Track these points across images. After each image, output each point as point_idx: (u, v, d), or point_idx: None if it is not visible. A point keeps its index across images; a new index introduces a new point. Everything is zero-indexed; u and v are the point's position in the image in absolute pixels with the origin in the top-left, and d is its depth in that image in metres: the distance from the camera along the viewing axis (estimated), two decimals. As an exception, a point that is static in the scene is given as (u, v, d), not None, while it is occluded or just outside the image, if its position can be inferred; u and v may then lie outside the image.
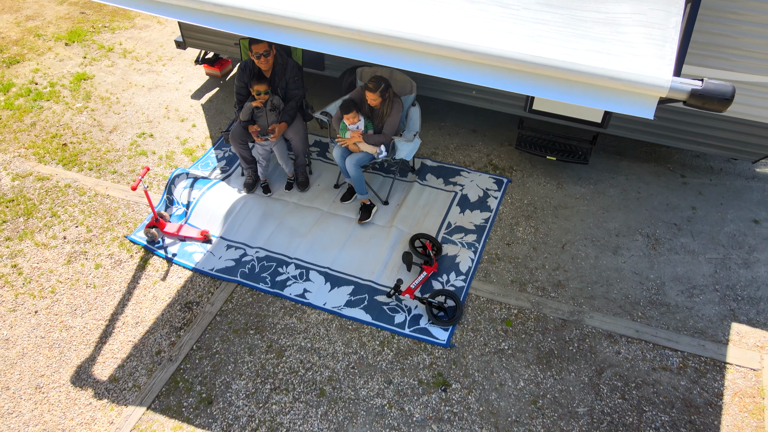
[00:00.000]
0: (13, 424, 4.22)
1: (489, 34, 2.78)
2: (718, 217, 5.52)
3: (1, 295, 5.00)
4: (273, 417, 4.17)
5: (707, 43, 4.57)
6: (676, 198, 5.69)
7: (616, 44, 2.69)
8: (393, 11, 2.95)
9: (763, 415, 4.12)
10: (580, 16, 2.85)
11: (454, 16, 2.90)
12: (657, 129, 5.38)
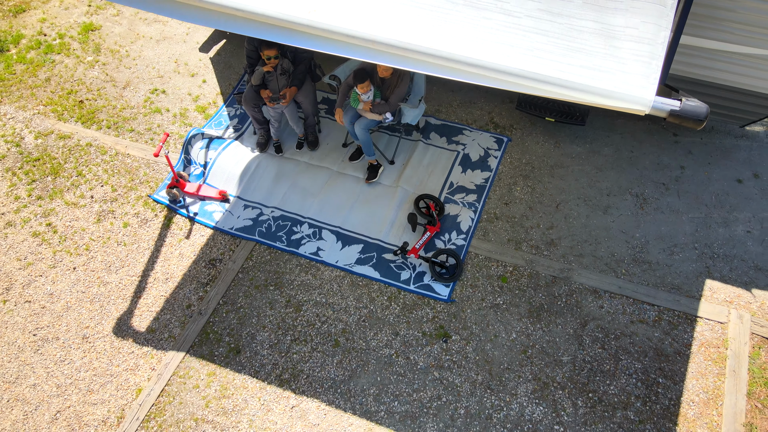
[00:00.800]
0: (66, 370, 4.81)
1: (493, 47, 3.03)
2: (705, 176, 5.87)
3: (41, 253, 5.46)
4: (294, 365, 4.75)
5: (705, 15, 4.73)
6: (667, 157, 6.01)
7: (608, 59, 2.94)
8: (405, 19, 3.17)
9: (725, 364, 4.69)
10: (578, 26, 3.07)
11: (461, 25, 3.12)
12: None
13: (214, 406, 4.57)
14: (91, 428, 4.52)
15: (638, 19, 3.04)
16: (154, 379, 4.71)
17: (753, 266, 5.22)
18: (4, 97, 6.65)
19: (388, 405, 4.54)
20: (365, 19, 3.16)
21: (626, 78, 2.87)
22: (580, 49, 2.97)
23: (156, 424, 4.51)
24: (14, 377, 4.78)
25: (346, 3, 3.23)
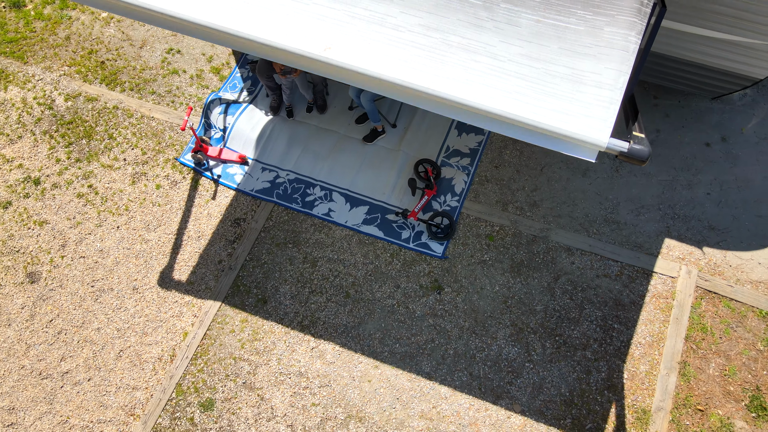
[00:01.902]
0: (123, 316, 5.78)
1: (480, 89, 3.60)
2: (677, 140, 6.49)
3: (87, 212, 6.24)
4: (312, 313, 5.71)
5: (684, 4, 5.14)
6: (645, 120, 6.59)
7: (574, 104, 3.53)
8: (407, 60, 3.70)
9: (670, 312, 5.64)
10: (553, 70, 3.61)
11: (454, 67, 3.66)
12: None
13: (248, 347, 5.59)
14: (149, 364, 5.57)
15: (603, 65, 3.59)
16: (197, 325, 5.69)
17: (707, 226, 6.02)
18: (29, 57, 7.08)
19: (391, 347, 5.55)
20: (373, 59, 3.71)
21: (588, 122, 3.49)
22: (552, 94, 3.56)
23: (202, 361, 5.55)
24: (81, 322, 5.76)
25: (357, 44, 3.74)
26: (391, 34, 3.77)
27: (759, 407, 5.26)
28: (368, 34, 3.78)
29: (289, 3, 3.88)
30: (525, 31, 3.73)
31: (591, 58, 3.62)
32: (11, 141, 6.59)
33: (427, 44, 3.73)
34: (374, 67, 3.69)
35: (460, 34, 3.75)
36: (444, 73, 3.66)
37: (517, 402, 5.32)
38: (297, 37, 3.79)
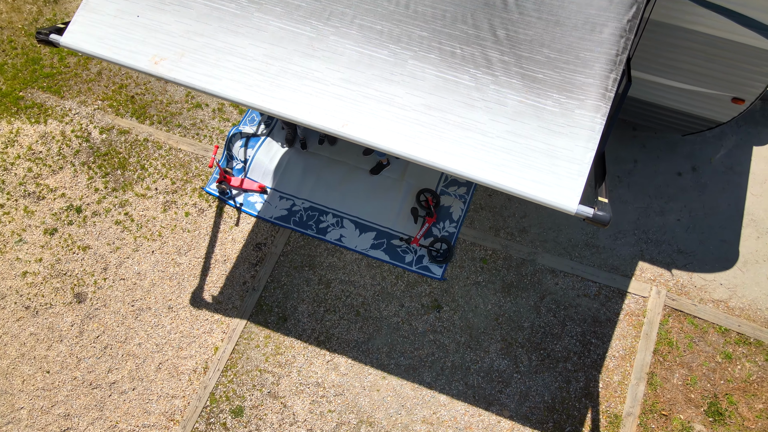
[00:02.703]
0: (161, 333, 6.57)
1: (472, 162, 4.33)
2: (653, 169, 7.21)
3: (124, 238, 6.99)
4: (327, 330, 6.50)
5: (650, 60, 5.83)
6: (624, 151, 7.30)
7: (549, 175, 4.26)
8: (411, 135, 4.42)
9: (641, 328, 6.43)
10: (533, 146, 4.32)
11: (452, 142, 4.38)
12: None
13: (272, 361, 6.39)
14: (185, 375, 6.38)
15: (574, 142, 4.31)
16: (226, 340, 6.48)
17: (676, 250, 6.78)
18: (65, 92, 7.77)
19: (396, 359, 6.35)
20: (383, 135, 4.43)
21: (560, 191, 4.23)
22: (532, 166, 4.29)
23: (232, 373, 6.35)
24: (124, 338, 6.55)
25: (369, 121, 4.46)
26: (398, 112, 4.49)
27: (716, 413, 6.07)
28: (379, 112, 4.49)
29: (312, 84, 4.58)
30: (510, 110, 4.45)
31: (564, 136, 4.34)
32: (53, 171, 7.31)
33: (428, 122, 4.45)
34: (384, 142, 4.42)
35: (456, 113, 4.46)
36: (442, 148, 4.38)
37: (506, 408, 6.14)
38: (319, 114, 4.51)
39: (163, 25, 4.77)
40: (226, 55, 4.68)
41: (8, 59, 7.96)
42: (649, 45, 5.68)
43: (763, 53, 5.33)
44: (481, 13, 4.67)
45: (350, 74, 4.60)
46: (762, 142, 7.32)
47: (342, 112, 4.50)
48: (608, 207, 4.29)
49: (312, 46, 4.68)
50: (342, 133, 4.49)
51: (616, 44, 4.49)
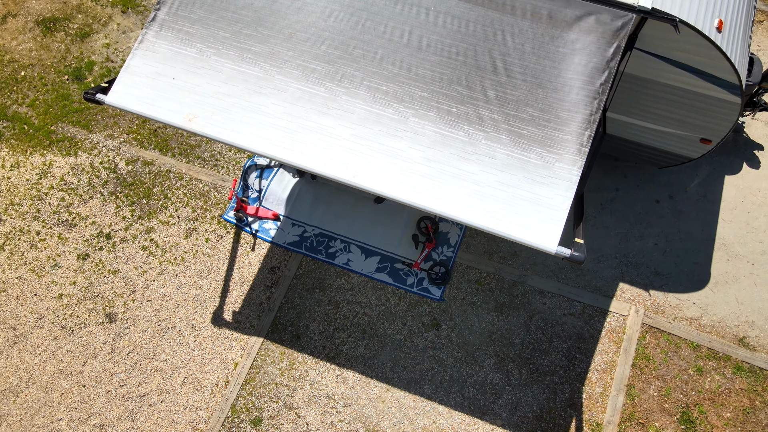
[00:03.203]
0: (185, 350, 7.24)
1: (467, 209, 4.99)
2: (633, 197, 7.88)
3: (150, 262, 7.65)
4: (336, 347, 7.17)
5: (626, 104, 6.50)
6: (607, 180, 7.97)
7: (533, 220, 4.92)
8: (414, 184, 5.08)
9: (620, 344, 7.10)
10: (519, 194, 4.99)
11: (449, 192, 5.04)
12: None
13: (287, 375, 7.06)
14: (208, 389, 7.05)
15: (554, 191, 4.97)
16: (245, 357, 7.15)
17: (654, 272, 7.45)
18: (93, 126, 8.43)
19: (399, 373, 7.02)
20: (389, 184, 5.09)
21: (542, 234, 4.90)
22: (518, 213, 4.96)
23: (251, 386, 7.02)
24: (152, 354, 7.22)
25: (377, 172, 5.12)
26: (402, 164, 5.15)
27: (687, 420, 6.75)
28: (385, 164, 5.16)
29: (326, 139, 5.25)
30: (499, 163, 5.11)
31: (545, 186, 5.01)
32: (84, 201, 7.97)
33: (428, 173, 5.12)
34: (390, 191, 5.09)
35: (452, 165, 5.13)
36: (441, 196, 5.05)
37: (498, 418, 6.81)
38: (333, 166, 5.17)
39: (195, 87, 5.43)
40: (251, 113, 5.34)
41: (39, 95, 8.61)
42: (626, 92, 6.35)
43: (724, 103, 6.00)
44: (474, 75, 5.34)
45: (360, 130, 5.26)
46: (733, 172, 7.99)
47: (353, 164, 5.17)
48: (583, 248, 4.96)
49: (326, 105, 5.34)
50: (353, 182, 5.15)
51: (590, 105, 5.16)
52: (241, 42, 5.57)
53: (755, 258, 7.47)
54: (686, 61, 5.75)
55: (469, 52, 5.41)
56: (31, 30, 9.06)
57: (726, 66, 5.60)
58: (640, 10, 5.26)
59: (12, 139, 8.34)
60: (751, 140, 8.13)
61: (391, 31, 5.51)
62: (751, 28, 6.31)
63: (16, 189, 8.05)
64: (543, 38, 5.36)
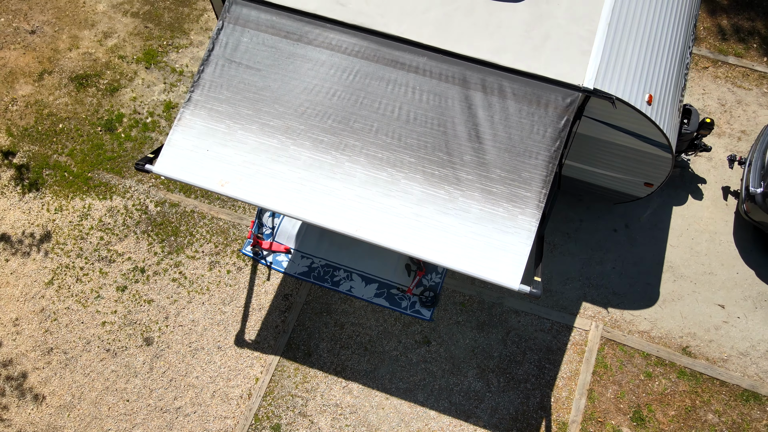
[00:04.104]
0: (213, 368, 8.46)
1: (448, 256, 6.23)
2: (594, 227, 9.16)
3: (180, 292, 8.88)
4: (342, 362, 8.41)
5: (581, 154, 7.78)
6: (572, 212, 9.25)
7: (501, 264, 6.17)
8: (405, 236, 6.33)
9: (583, 355, 8.38)
10: (489, 242, 6.24)
11: (433, 241, 6.29)
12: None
13: (300, 387, 8.30)
14: (234, 401, 8.27)
15: (517, 239, 6.24)
16: (264, 372, 8.38)
17: (612, 292, 8.74)
18: (125, 172, 9.64)
19: (396, 384, 8.27)
20: (385, 237, 6.34)
21: (507, 275, 6.15)
22: (489, 258, 6.22)
23: (270, 398, 8.25)
24: (185, 372, 8.44)
25: (375, 227, 6.37)
26: (395, 219, 6.40)
27: (639, 419, 8.04)
28: (381, 220, 6.41)
29: (333, 200, 6.49)
30: (473, 216, 6.38)
31: (511, 235, 6.27)
32: (120, 239, 9.19)
33: (416, 226, 6.38)
34: (386, 242, 6.34)
35: (436, 219, 6.39)
36: (427, 246, 6.31)
37: (480, 420, 8.08)
38: (340, 222, 6.41)
39: (226, 157, 6.67)
40: (272, 178, 6.58)
41: (76, 145, 9.82)
42: (580, 146, 7.63)
43: (658, 157, 7.29)
44: (452, 143, 6.61)
45: (360, 191, 6.52)
46: (680, 203, 9.30)
47: (355, 220, 6.42)
48: (540, 285, 6.22)
49: (333, 171, 6.59)
50: (356, 235, 6.41)
51: (547, 167, 6.43)
52: (261, 118, 6.81)
53: (697, 278, 8.77)
54: (625, 126, 7.04)
55: (449, 124, 6.68)
56: (66, 86, 10.27)
57: (656, 131, 6.89)
58: (585, 90, 6.55)
59: (55, 185, 9.54)
60: (695, 175, 9.43)
61: (384, 107, 6.76)
62: (682, 93, 7.60)
63: (61, 230, 9.25)
64: (509, 111, 6.64)
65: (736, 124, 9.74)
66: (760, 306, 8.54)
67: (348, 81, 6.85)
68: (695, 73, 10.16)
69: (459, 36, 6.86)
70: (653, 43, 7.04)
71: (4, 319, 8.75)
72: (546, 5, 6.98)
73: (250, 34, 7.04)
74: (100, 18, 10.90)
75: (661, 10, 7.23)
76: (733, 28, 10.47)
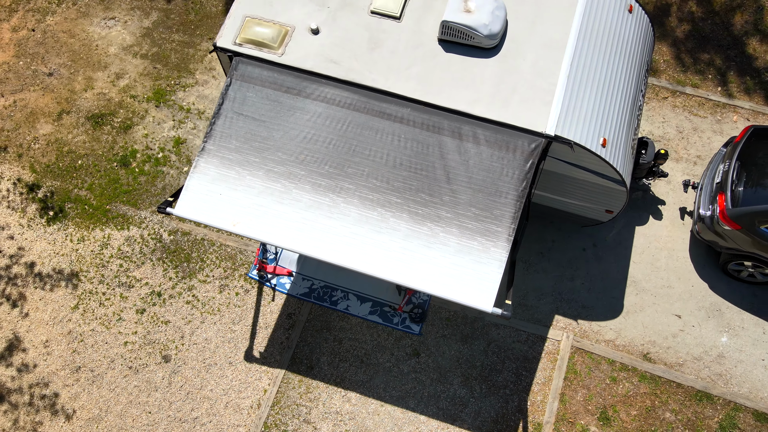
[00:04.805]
0: (225, 381, 9.45)
1: (433, 284, 7.24)
2: (565, 246, 10.20)
3: (194, 314, 9.86)
4: (341, 374, 9.42)
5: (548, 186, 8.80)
6: (545, 233, 10.28)
7: (477, 290, 7.18)
8: (396, 269, 7.33)
9: (555, 363, 9.41)
10: (466, 272, 7.25)
11: (419, 272, 7.29)
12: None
13: (304, 397, 9.30)
14: (245, 410, 9.27)
15: (490, 268, 7.25)
16: (272, 384, 9.38)
17: (581, 305, 9.78)
18: (140, 204, 10.61)
19: (390, 392, 9.29)
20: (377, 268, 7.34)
21: (482, 300, 7.16)
22: (467, 284, 7.22)
23: (277, 407, 9.25)
24: (200, 386, 9.42)
25: (368, 259, 7.36)
26: (385, 253, 7.40)
27: (605, 418, 9.08)
28: (373, 253, 7.40)
29: (331, 236, 7.48)
30: (452, 249, 7.39)
31: (485, 265, 7.29)
32: (138, 266, 10.15)
33: (403, 259, 7.38)
34: (377, 273, 7.34)
35: (420, 252, 7.40)
36: (412, 275, 7.32)
37: (465, 423, 9.11)
38: (337, 256, 7.41)
39: (236, 200, 7.66)
40: (277, 218, 7.57)
41: (95, 180, 10.78)
42: (547, 179, 8.65)
43: (615, 190, 8.32)
44: (433, 185, 7.61)
45: (355, 229, 7.52)
46: (642, 223, 10.34)
47: (351, 254, 7.42)
48: (510, 307, 7.25)
49: (330, 211, 7.59)
50: (351, 268, 7.40)
51: (515, 205, 7.45)
52: (266, 165, 7.80)
53: (657, 291, 9.83)
54: (584, 165, 8.07)
55: (430, 168, 7.69)
56: (83, 124, 11.21)
57: (611, 169, 7.92)
58: (547, 136, 7.58)
59: (76, 217, 10.50)
60: (656, 197, 10.48)
61: (374, 153, 7.76)
62: (635, 132, 8.63)
63: (84, 259, 10.21)
64: (482, 156, 7.65)
65: (693, 149, 10.80)
66: (713, 315, 9.61)
67: (342, 131, 7.84)
68: (656, 103, 11.22)
69: (438, 89, 7.87)
70: (607, 92, 8.08)
71: (36, 341, 9.71)
72: (513, 61, 8.00)
73: (255, 90, 8.03)
74: (112, 60, 11.84)
75: (615, 62, 8.26)
76: (691, 60, 11.53)
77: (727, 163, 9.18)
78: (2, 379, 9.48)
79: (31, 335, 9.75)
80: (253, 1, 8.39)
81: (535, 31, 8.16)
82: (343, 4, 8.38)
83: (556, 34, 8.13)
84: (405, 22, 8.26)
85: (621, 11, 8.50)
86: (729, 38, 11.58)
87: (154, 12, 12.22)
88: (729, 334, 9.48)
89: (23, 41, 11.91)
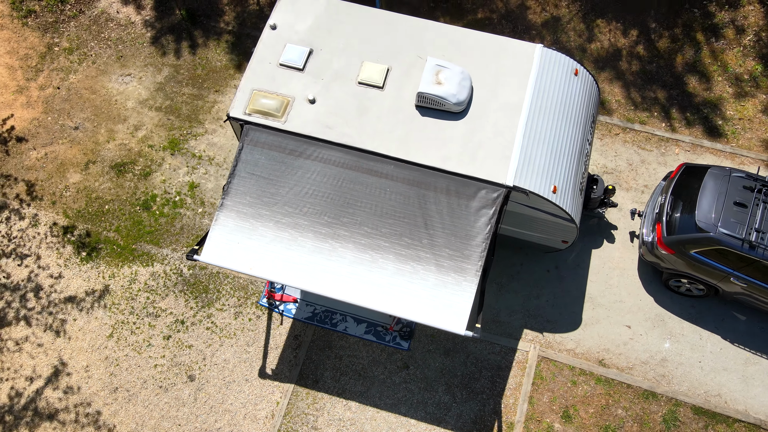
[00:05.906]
0: (243, 396, 11.02)
1: (415, 313, 8.84)
2: (532, 268, 11.82)
3: (213, 338, 11.41)
4: (342, 386, 11.01)
5: (511, 221, 10.43)
6: (515, 258, 11.90)
7: (451, 316, 8.78)
8: (385, 300, 8.92)
9: (525, 370, 11.04)
10: (442, 302, 8.84)
11: (405, 301, 8.88)
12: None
13: (312, 407, 10.89)
14: (261, 420, 10.84)
15: (461, 299, 8.85)
16: (283, 397, 10.96)
17: (546, 320, 11.42)
18: (161, 243, 12.15)
19: (384, 400, 10.89)
20: (369, 301, 8.93)
21: (456, 324, 8.78)
22: (442, 313, 8.83)
23: (289, 417, 10.83)
24: (221, 400, 10.99)
25: (362, 294, 8.95)
26: (376, 289, 8.98)
27: (567, 416, 10.73)
28: (366, 289, 8.99)
29: (332, 276, 9.06)
30: (431, 284, 8.99)
31: (457, 296, 8.90)
32: (162, 297, 11.70)
33: (391, 293, 8.97)
34: (370, 305, 8.94)
35: (404, 288, 8.98)
36: (399, 306, 8.91)
37: (449, 424, 10.73)
38: (336, 292, 8.99)
39: (251, 247, 9.23)
40: (286, 262, 9.14)
41: (120, 223, 12.30)
42: (510, 217, 10.26)
43: (567, 226, 9.96)
44: (414, 231, 9.21)
45: (350, 269, 9.10)
46: (597, 246, 11.99)
47: (348, 290, 9.01)
48: (479, 330, 8.87)
49: (330, 255, 9.17)
50: (348, 301, 8.99)
51: (481, 246, 9.07)
52: (275, 217, 9.37)
53: (611, 306, 11.48)
54: (540, 207, 9.70)
55: (411, 216, 9.28)
56: (108, 173, 12.74)
57: (562, 211, 9.55)
58: (507, 186, 9.19)
59: (107, 256, 12.03)
60: (609, 223, 12.14)
61: (365, 205, 9.35)
62: (582, 176, 10.26)
63: (115, 292, 11.75)
64: (452, 205, 9.26)
65: (641, 179, 12.46)
66: (657, 325, 11.28)
67: (337, 186, 9.42)
68: (609, 139, 12.87)
69: (416, 149, 9.47)
70: (557, 145, 9.71)
71: (78, 366, 11.25)
72: (478, 121, 9.61)
73: (263, 152, 9.59)
74: (130, 113, 13.36)
75: (563, 119, 9.89)
76: (639, 99, 13.19)
77: (664, 196, 10.84)
78: (51, 400, 11.01)
79: (73, 361, 11.28)
80: (259, 77, 9.96)
81: (496, 96, 9.77)
82: (335, 77, 9.96)
83: (513, 98, 9.75)
84: (387, 91, 9.85)
85: (568, 75, 10.12)
86: (672, 78, 13.25)
87: (165, 68, 13.74)
88: (671, 340, 11.15)
89: (50, 98, 13.41)
